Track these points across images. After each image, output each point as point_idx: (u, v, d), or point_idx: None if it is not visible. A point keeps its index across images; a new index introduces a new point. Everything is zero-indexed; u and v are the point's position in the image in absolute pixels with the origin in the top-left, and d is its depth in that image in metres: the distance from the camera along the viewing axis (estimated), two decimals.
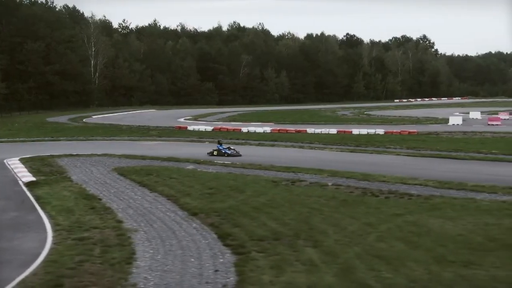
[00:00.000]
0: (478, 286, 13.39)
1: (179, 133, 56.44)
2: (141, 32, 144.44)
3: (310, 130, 56.39)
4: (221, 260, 15.27)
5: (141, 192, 24.58)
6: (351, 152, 40.81)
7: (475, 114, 76.67)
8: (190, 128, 60.33)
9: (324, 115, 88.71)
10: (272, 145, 44.35)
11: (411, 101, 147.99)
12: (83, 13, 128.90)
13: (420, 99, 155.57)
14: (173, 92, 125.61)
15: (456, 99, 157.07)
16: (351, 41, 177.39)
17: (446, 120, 67.98)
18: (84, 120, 75.73)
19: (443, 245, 16.40)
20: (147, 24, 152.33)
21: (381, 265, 14.70)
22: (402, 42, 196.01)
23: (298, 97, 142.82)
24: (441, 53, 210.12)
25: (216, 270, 14.41)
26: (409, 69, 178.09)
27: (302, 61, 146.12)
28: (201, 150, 40.12)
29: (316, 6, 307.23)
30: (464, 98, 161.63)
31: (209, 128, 59.64)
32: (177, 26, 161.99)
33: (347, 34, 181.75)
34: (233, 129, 59.02)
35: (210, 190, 24.80)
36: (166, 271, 14.34)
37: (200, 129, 59.08)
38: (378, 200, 22.96)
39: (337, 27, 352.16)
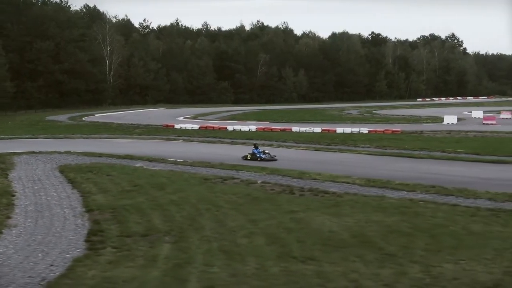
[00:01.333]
0: (293, 281, 13.34)
1: (162, 131, 56.36)
2: (161, 31, 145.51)
3: (295, 128, 56.16)
4: (68, 255, 15.44)
5: (62, 189, 24.78)
6: (316, 150, 40.56)
7: (477, 113, 75.72)
8: (177, 126, 60.31)
9: (328, 114, 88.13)
10: (243, 143, 44.27)
11: (434, 100, 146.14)
12: (103, 12, 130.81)
13: (444, 98, 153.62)
14: (188, 91, 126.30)
15: (482, 98, 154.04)
16: (376, 40, 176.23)
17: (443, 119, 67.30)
18: (83, 118, 76.19)
19: (302, 241, 16.45)
20: (168, 24, 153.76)
21: (220, 260, 14.84)
22: (429, 41, 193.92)
23: (317, 96, 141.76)
24: (474, 52, 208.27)
25: (51, 265, 14.59)
26: (435, 68, 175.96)
27: (321, 59, 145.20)
28: (166, 147, 40.54)
29: (345, 5, 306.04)
30: (491, 97, 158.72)
31: (196, 127, 59.60)
32: (202, 26, 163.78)
33: (372, 32, 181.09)
34: (219, 128, 59.04)
35: (132, 188, 25.04)
36: (2, 265, 14.56)
37: (187, 128, 58.94)
38: (289, 198, 22.89)
39: (365, 26, 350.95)
